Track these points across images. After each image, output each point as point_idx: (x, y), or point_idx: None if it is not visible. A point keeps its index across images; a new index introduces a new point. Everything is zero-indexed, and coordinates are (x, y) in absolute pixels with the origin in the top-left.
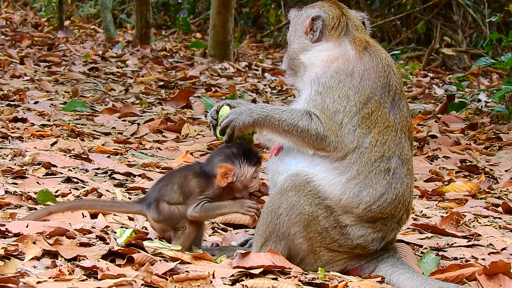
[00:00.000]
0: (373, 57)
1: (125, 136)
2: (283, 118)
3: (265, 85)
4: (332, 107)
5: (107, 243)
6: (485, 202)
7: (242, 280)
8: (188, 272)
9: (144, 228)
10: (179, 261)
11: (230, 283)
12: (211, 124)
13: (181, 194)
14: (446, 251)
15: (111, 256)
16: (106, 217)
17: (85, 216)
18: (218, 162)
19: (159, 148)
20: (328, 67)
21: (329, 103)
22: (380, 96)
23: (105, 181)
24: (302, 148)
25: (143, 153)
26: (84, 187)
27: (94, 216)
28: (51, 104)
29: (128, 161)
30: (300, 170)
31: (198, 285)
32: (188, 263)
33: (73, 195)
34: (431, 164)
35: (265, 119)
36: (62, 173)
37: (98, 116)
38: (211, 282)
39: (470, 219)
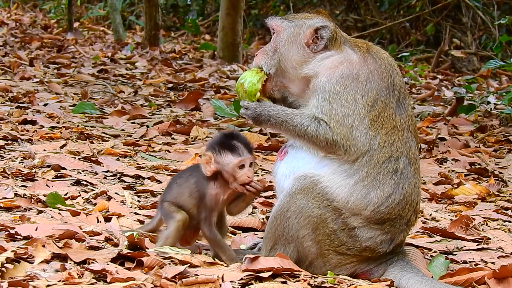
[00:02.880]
0: (375, 59)
1: (134, 138)
2: (295, 123)
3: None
4: (340, 111)
5: (116, 246)
6: (495, 205)
7: (251, 284)
8: (198, 275)
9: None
10: (188, 264)
11: (240, 286)
12: None
13: (179, 193)
14: (455, 254)
15: (120, 259)
16: (119, 219)
17: (100, 222)
18: (204, 151)
19: (168, 151)
20: (333, 73)
21: (337, 108)
22: (385, 97)
23: (114, 183)
24: (313, 150)
25: (152, 155)
26: (93, 190)
27: (108, 219)
28: (61, 106)
29: (137, 164)
30: (307, 172)
31: None
32: (197, 266)
33: (82, 197)
34: (440, 167)
35: (281, 124)
36: (71, 176)
37: (107, 118)
38: (220, 285)
39: (480, 222)
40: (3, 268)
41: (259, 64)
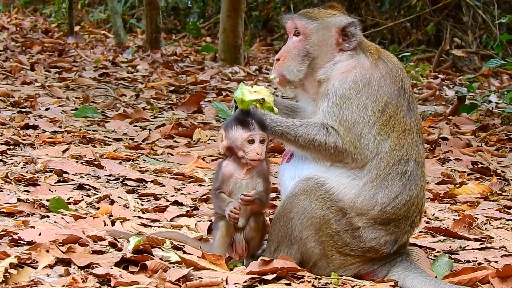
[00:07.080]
0: (387, 63)
1: (137, 142)
2: (299, 133)
3: (275, 88)
4: (351, 119)
5: (120, 250)
6: (497, 204)
7: (256, 286)
8: (202, 278)
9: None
10: (192, 267)
11: None
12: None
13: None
14: (459, 254)
15: (124, 263)
16: (123, 223)
17: (107, 225)
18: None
19: (171, 154)
20: (346, 78)
21: (347, 115)
22: (397, 100)
23: (117, 187)
24: (319, 160)
25: (154, 158)
26: (96, 194)
27: (113, 223)
28: (62, 111)
29: (140, 167)
30: (313, 174)
31: None
32: (201, 269)
33: (85, 202)
34: (442, 166)
35: (282, 136)
36: (74, 180)
37: (109, 122)
38: None
39: (483, 221)
40: (7, 274)
41: (284, 74)
